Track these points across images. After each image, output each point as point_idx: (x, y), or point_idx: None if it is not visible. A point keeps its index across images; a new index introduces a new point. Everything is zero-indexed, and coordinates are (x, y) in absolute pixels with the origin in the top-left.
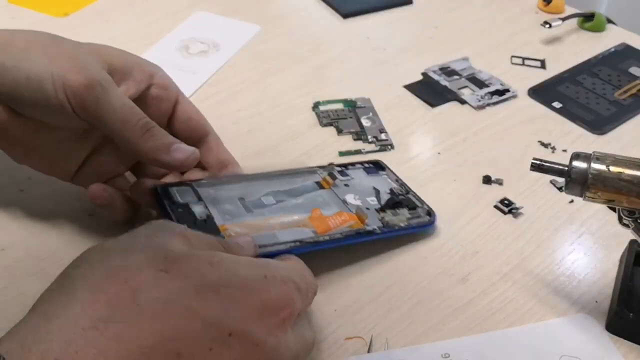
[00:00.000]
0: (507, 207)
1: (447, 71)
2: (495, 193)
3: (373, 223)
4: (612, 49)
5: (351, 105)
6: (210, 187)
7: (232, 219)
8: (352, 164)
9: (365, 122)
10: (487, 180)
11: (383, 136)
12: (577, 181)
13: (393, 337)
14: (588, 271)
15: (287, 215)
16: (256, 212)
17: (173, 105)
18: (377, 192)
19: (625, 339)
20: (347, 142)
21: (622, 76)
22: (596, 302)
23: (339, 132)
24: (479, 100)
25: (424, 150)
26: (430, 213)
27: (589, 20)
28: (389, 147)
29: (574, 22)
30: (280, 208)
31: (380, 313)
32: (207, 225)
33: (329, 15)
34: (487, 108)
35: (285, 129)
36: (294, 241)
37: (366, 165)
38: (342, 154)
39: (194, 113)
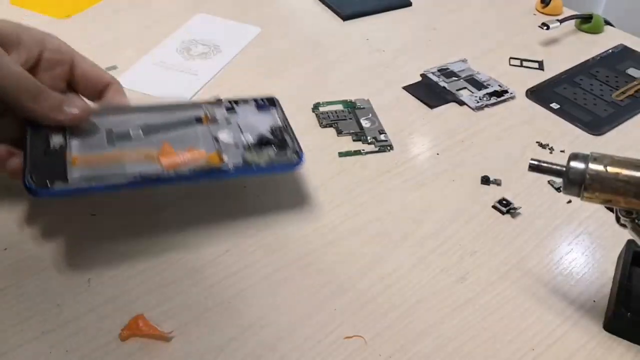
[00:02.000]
0: (505, 207)
1: (446, 73)
2: (493, 193)
3: (232, 160)
4: (610, 51)
5: (351, 106)
6: None
7: (89, 150)
8: (245, 100)
9: (365, 123)
10: (485, 180)
11: (382, 137)
12: (575, 181)
13: (392, 335)
14: (586, 271)
15: (144, 149)
16: (117, 145)
17: (69, 67)
18: (255, 129)
19: (623, 338)
20: (347, 143)
21: (620, 77)
22: (594, 301)
23: (339, 133)
24: (478, 102)
25: (423, 151)
26: (298, 154)
27: (586, 22)
28: (389, 147)
29: (571, 23)
30: (144, 142)
31: (380, 312)
32: (56, 155)
33: (329, 18)
34: (486, 109)
35: None
36: (136, 175)
37: (259, 101)
38: (341, 154)
39: (90, 70)
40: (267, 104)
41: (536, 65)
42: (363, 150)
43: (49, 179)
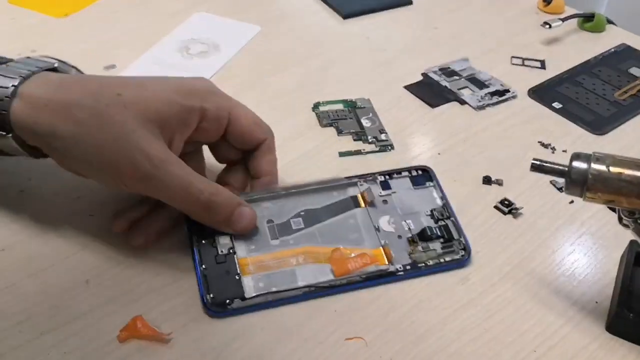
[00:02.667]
0: (507, 207)
1: (447, 72)
2: (495, 193)
3: (399, 259)
4: (612, 50)
5: (351, 105)
6: None
7: (256, 251)
8: (399, 172)
9: (365, 123)
10: (487, 180)
11: (383, 136)
12: (577, 182)
13: (393, 337)
14: (588, 271)
15: (311, 247)
16: (282, 240)
17: (225, 126)
18: (415, 214)
19: (625, 339)
20: (347, 143)
21: (622, 77)
22: (596, 302)
23: (339, 132)
24: (479, 101)
25: (424, 150)
26: (465, 247)
27: (589, 21)
28: (389, 147)
29: (574, 22)
30: (307, 236)
31: (381, 313)
32: (227, 261)
33: (329, 16)
34: (487, 108)
35: (285, 130)
36: (309, 286)
37: (413, 173)
38: (342, 154)
39: (247, 127)
40: (423, 176)
41: (538, 64)
42: (363, 149)
43: (227, 296)
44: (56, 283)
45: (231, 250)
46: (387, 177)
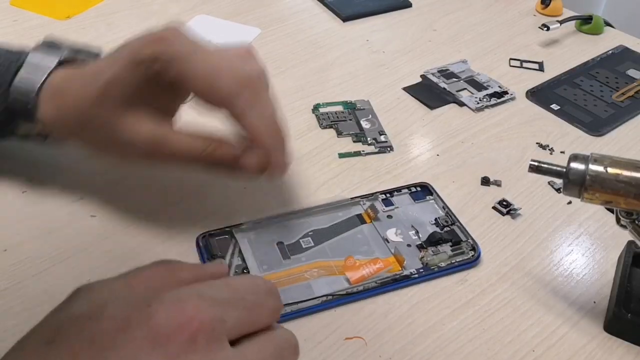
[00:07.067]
0: (505, 208)
1: (446, 74)
2: (493, 194)
3: (411, 265)
4: (610, 52)
5: (351, 107)
6: (251, 232)
7: (269, 269)
8: (398, 190)
9: (365, 124)
10: (485, 181)
11: (382, 138)
12: (575, 182)
13: (393, 337)
14: (586, 272)
15: (323, 262)
16: (293, 259)
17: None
18: (420, 224)
19: (623, 339)
20: (347, 144)
21: (620, 78)
22: (594, 302)
23: (339, 134)
24: (478, 103)
25: (423, 152)
26: (474, 248)
27: (586, 23)
28: (389, 149)
29: (572, 24)
30: (318, 252)
31: (380, 313)
32: None
33: (329, 19)
34: (486, 110)
35: None
36: (327, 295)
37: (412, 189)
38: (341, 155)
39: (198, 78)
40: (422, 192)
41: (536, 66)
42: (363, 151)
43: None
44: (58, 283)
45: (244, 270)
46: (388, 195)
